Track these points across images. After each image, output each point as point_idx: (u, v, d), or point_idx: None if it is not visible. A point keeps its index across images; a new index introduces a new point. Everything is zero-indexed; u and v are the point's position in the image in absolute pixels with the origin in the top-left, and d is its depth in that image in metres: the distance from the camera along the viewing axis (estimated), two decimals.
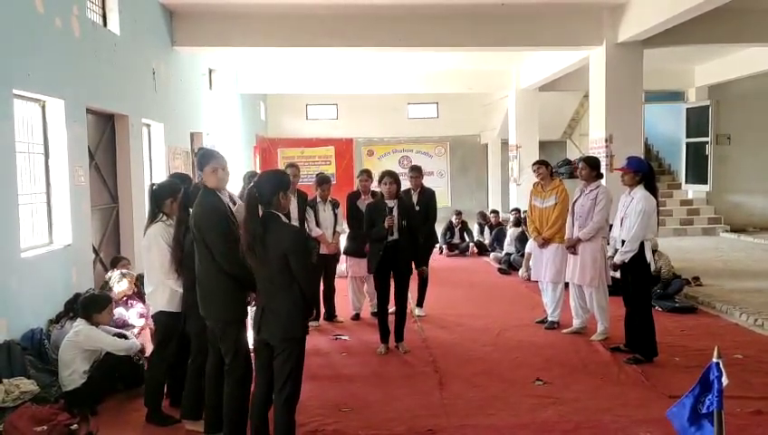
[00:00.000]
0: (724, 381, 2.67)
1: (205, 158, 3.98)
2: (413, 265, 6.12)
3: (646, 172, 5.64)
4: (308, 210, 6.91)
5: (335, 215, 7.04)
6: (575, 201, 6.34)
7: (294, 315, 3.56)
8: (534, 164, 7.00)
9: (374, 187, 7.18)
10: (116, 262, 6.74)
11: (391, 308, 6.10)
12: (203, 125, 10.86)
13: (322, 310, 7.18)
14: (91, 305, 4.90)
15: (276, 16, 9.25)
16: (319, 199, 6.98)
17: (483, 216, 13.50)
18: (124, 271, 6.32)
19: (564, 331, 6.59)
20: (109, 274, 6.45)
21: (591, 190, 6.21)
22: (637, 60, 9.52)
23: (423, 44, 9.80)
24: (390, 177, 6.00)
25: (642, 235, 5.48)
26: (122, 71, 7.40)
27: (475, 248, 12.46)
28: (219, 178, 3.92)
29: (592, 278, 6.20)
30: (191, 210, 3.96)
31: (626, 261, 5.52)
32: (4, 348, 4.79)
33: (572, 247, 6.29)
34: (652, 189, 5.59)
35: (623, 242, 5.62)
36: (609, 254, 5.94)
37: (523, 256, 9.71)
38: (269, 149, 17.71)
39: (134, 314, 5.86)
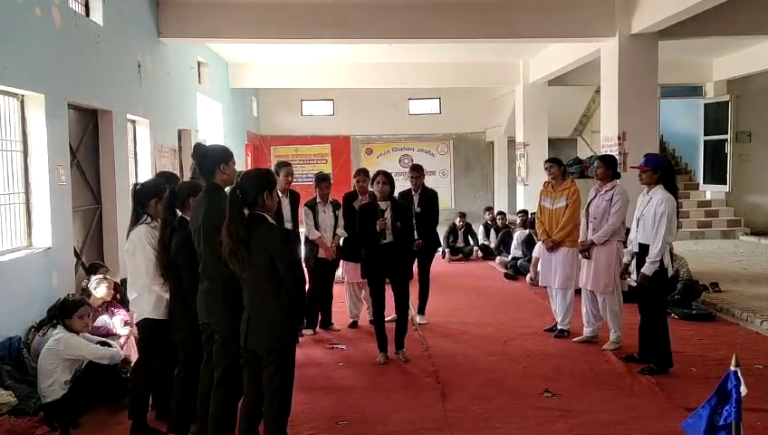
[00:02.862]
0: (743, 390, 2.68)
1: (227, 153, 4.09)
2: (413, 269, 6.13)
3: (665, 169, 5.64)
4: (307, 211, 6.92)
5: (335, 216, 7.02)
6: (589, 202, 6.35)
7: (283, 323, 3.57)
8: (547, 162, 7.01)
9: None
10: (94, 268, 6.71)
11: (390, 316, 6.12)
12: (191, 121, 10.87)
13: (318, 317, 7.19)
14: (62, 311, 4.92)
15: (269, 6, 9.26)
16: (319, 200, 6.98)
17: (489, 209, 13.53)
18: (102, 276, 6.29)
19: (575, 339, 6.61)
20: (86, 279, 6.45)
21: (607, 191, 6.21)
22: (651, 52, 9.53)
23: (425, 36, 9.80)
24: (384, 176, 6.02)
25: (668, 239, 5.49)
26: (106, 64, 7.41)
27: (479, 252, 12.47)
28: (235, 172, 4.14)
29: (606, 284, 6.21)
30: (199, 210, 3.95)
31: (658, 269, 5.46)
32: None
33: (586, 251, 6.31)
34: (672, 188, 5.59)
35: (639, 245, 5.65)
36: (626, 260, 5.95)
37: (530, 260, 9.73)
38: (261, 147, 17.74)
39: (118, 322, 5.85)
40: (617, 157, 9.14)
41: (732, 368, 2.72)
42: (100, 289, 5.94)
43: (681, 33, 9.35)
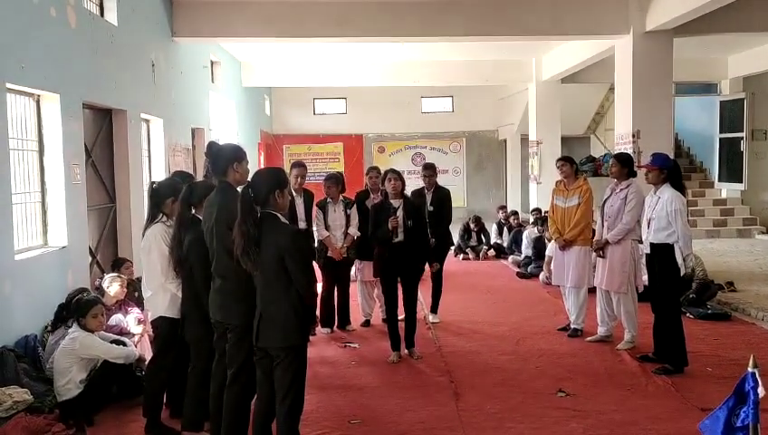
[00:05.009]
0: (761, 392, 2.65)
1: (240, 152, 4.10)
2: (425, 266, 6.11)
3: (671, 169, 5.64)
4: (318, 211, 6.90)
5: (347, 216, 6.94)
6: (605, 201, 6.32)
7: (293, 322, 3.56)
8: (558, 161, 6.98)
9: None
10: (119, 263, 6.74)
11: (402, 315, 6.11)
12: (204, 120, 10.92)
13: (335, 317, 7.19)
14: (76, 311, 4.94)
15: (282, 5, 9.28)
16: (329, 199, 6.95)
17: (503, 208, 13.61)
18: (115, 274, 6.32)
19: (588, 339, 6.57)
20: (100, 278, 6.49)
21: (622, 189, 6.17)
22: (666, 49, 9.45)
23: (437, 34, 9.79)
24: (394, 173, 6.03)
25: (689, 233, 5.52)
26: (120, 63, 7.46)
27: (490, 251, 12.42)
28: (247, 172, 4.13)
29: (621, 284, 6.17)
30: (211, 209, 3.94)
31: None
32: None
33: (600, 250, 6.27)
34: (679, 188, 5.59)
35: (651, 245, 5.65)
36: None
37: (540, 266, 9.70)
38: (274, 145, 17.79)
39: (132, 321, 5.88)
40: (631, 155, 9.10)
41: (749, 369, 2.69)
42: (113, 287, 5.96)
43: (696, 30, 9.27)
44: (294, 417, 3.64)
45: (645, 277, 6.10)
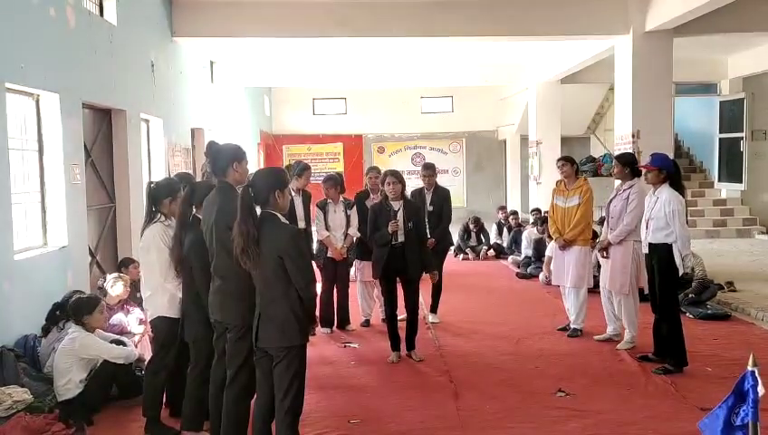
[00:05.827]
0: (760, 390, 2.65)
1: (240, 152, 4.09)
2: (431, 265, 6.12)
3: (671, 170, 5.64)
4: (318, 211, 6.91)
5: (347, 216, 6.97)
6: (609, 201, 6.33)
7: (293, 322, 3.56)
8: (559, 160, 6.98)
9: None
10: (126, 263, 6.71)
11: (402, 315, 6.11)
12: (204, 120, 10.92)
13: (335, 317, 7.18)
14: (80, 309, 4.92)
15: (282, 4, 9.28)
16: (329, 200, 6.97)
17: (503, 208, 13.65)
18: (117, 274, 6.31)
19: (596, 337, 6.58)
20: (102, 278, 6.48)
21: (625, 190, 6.18)
22: (666, 49, 9.45)
23: (437, 34, 9.78)
24: (393, 176, 5.98)
25: (687, 233, 5.52)
26: (120, 63, 7.46)
27: (491, 251, 12.42)
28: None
29: (622, 285, 6.18)
30: (211, 208, 3.93)
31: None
32: None
33: (604, 251, 6.28)
34: (678, 188, 5.59)
35: (650, 245, 5.65)
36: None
37: (540, 267, 9.70)
38: (274, 145, 17.79)
39: (134, 320, 5.88)
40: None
41: (749, 368, 2.69)
42: (116, 287, 5.96)
43: (696, 29, 9.26)
44: (294, 416, 3.64)
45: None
